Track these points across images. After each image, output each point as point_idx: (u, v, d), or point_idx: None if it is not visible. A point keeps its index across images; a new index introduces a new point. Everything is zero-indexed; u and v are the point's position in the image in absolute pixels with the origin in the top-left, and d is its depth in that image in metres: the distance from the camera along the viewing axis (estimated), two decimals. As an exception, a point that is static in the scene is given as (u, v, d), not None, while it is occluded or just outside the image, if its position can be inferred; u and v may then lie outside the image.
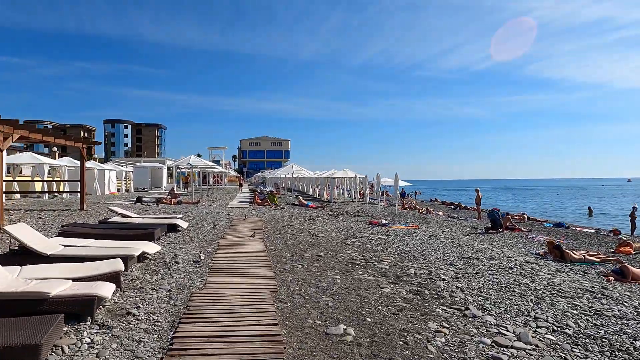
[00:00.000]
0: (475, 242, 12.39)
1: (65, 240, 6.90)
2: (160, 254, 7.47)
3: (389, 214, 20.42)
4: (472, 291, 6.23)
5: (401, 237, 11.91)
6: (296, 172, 21.48)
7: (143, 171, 36.99)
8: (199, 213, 15.19)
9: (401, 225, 15.40)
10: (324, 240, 10.51)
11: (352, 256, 8.61)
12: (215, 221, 13.05)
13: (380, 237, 11.82)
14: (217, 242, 9.21)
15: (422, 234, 13.20)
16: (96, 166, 27.49)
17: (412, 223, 16.60)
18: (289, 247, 9.20)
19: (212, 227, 11.74)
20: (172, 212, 14.95)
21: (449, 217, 22.05)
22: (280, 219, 14.82)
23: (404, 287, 6.29)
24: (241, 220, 13.77)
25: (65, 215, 13.19)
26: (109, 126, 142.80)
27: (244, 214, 15.70)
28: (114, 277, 5.00)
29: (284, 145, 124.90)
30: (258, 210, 17.94)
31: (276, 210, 18.21)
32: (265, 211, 17.46)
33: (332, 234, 12.00)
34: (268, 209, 18.84)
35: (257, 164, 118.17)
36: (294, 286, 5.89)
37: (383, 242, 10.90)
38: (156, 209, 16.35)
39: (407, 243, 10.87)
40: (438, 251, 9.82)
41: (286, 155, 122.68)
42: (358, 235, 12.00)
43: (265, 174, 54.06)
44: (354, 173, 28.70)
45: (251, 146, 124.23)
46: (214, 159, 62.59)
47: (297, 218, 15.71)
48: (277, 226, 12.86)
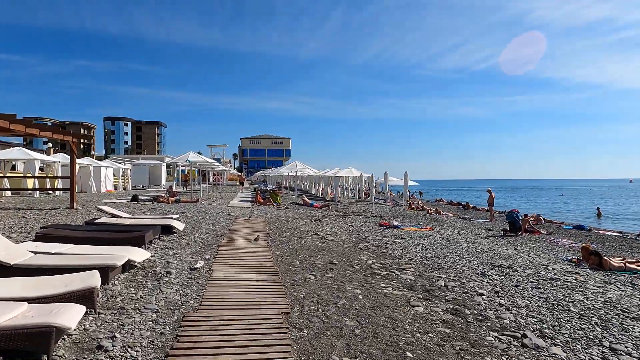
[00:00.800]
0: (498, 246, 11.37)
1: (39, 246, 5.89)
2: (150, 262, 6.45)
3: (397, 215, 19.40)
4: (519, 310, 5.22)
5: (417, 241, 10.90)
6: (300, 170, 20.48)
7: (141, 169, 35.98)
8: (197, 213, 14.17)
9: (414, 227, 14.38)
10: (334, 245, 9.49)
11: (369, 263, 7.59)
12: (214, 222, 12.03)
13: (394, 240, 10.80)
14: (216, 246, 8.20)
15: (439, 237, 12.19)
16: (92, 163, 26.47)
17: (424, 225, 15.58)
18: (297, 252, 8.19)
19: (211, 228, 10.72)
20: (169, 212, 13.93)
21: (460, 219, 21.02)
22: (284, 220, 13.81)
23: (439, 304, 5.28)
24: (243, 220, 12.76)
25: (52, 215, 12.18)
26: (109, 124, 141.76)
27: (247, 214, 14.68)
28: (86, 296, 3.98)
29: (285, 143, 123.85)
30: (260, 210, 16.92)
31: (280, 210, 17.20)
32: (268, 211, 16.44)
33: (342, 236, 10.98)
34: (271, 208, 17.82)
35: (258, 162, 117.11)
36: (308, 304, 4.87)
37: (399, 246, 9.88)
38: (152, 208, 15.34)
39: (426, 248, 9.86)
40: (463, 258, 8.80)
41: (287, 153, 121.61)
42: (370, 238, 10.99)
43: (266, 172, 53.02)
44: (359, 171, 27.66)
45: (252, 144, 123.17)
46: (214, 156, 61.53)
47: (303, 219, 14.70)
48: (282, 228, 11.84)
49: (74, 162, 13.65)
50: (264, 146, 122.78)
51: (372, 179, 26.50)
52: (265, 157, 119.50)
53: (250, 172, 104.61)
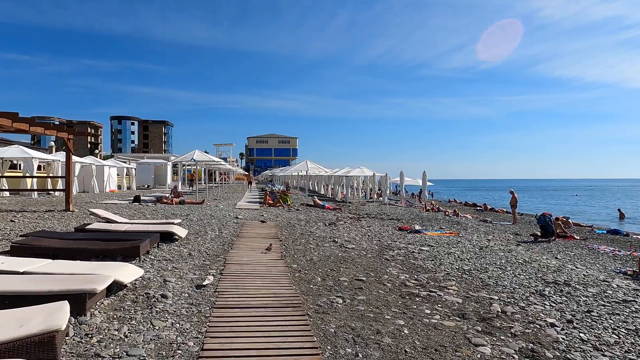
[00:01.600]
0: (536, 254, 10.17)
1: (7, 262, 4.82)
2: (143, 281, 5.36)
3: (414, 217, 18.22)
4: (612, 350, 4.05)
5: (447, 249, 9.74)
6: (311, 170, 19.38)
7: (146, 168, 35.06)
8: (202, 216, 13.11)
9: (437, 232, 13.21)
10: (356, 254, 8.37)
11: (402, 279, 6.46)
12: (221, 226, 10.94)
13: (421, 248, 9.64)
14: (223, 258, 7.10)
15: (468, 243, 11.01)
16: (95, 162, 25.56)
17: (447, 229, 14.39)
18: (317, 265, 7.07)
19: (218, 234, 9.63)
20: (171, 215, 12.88)
21: (480, 221, 19.79)
22: (296, 224, 12.70)
23: (507, 341, 4.12)
24: (252, 225, 11.66)
25: (45, 218, 11.16)
26: (115, 123, 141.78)
27: (257, 217, 13.59)
28: (45, 344, 2.88)
29: (292, 143, 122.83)
30: (270, 212, 15.82)
31: (290, 213, 16.09)
32: (278, 213, 15.33)
33: (362, 243, 9.85)
34: (281, 210, 16.72)
35: (265, 161, 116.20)
36: (343, 344, 3.75)
37: (429, 256, 8.73)
38: (154, 210, 14.29)
39: (460, 258, 8.70)
40: (506, 271, 7.64)
41: (294, 153, 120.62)
42: (394, 246, 9.84)
43: (273, 171, 51.95)
44: (371, 171, 26.48)
45: (258, 144, 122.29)
46: (220, 155, 60.56)
47: (316, 222, 13.59)
48: (295, 233, 10.73)
49: (70, 161, 12.63)
50: (270, 145, 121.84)
51: (386, 179, 25.33)
52: (272, 157, 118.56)
53: (257, 172, 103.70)
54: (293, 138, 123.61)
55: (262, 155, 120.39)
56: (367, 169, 26.97)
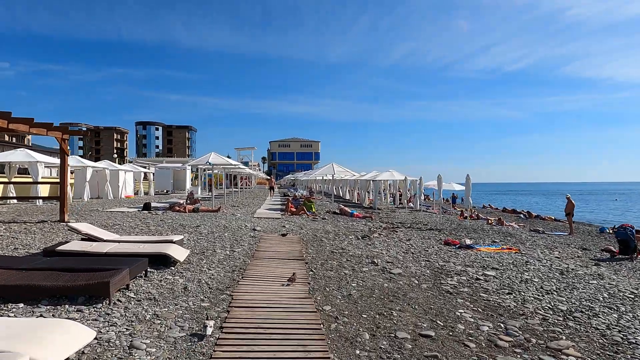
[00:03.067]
0: (635, 280, 7.89)
1: None
2: (93, 350, 3.48)
3: (456, 227, 15.99)
4: None
5: (518, 273, 7.61)
6: (338, 173, 17.42)
7: (165, 172, 33.84)
8: (215, 227, 11.31)
9: (493, 248, 11.01)
10: (406, 284, 6.34)
11: (485, 332, 4.41)
12: (234, 242, 9.09)
13: (485, 273, 7.53)
14: (229, 293, 5.19)
15: (539, 264, 8.81)
16: (109, 166, 24.30)
17: (502, 243, 12.16)
18: (358, 305, 5.08)
19: (229, 254, 7.75)
20: (179, 226, 11.12)
21: (531, 231, 17.36)
22: (324, 237, 10.74)
23: None
24: (272, 239, 9.75)
25: (31, 232, 9.56)
26: (140, 128, 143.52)
27: (277, 228, 11.69)
28: None
29: (314, 147, 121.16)
30: (292, 221, 13.91)
31: (315, 222, 14.13)
32: (302, 224, 13.40)
33: (408, 265, 7.80)
34: (305, 219, 14.79)
35: (287, 165, 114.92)
36: None
37: (500, 285, 6.63)
38: (161, 220, 12.59)
39: (543, 288, 6.56)
40: (622, 312, 5.47)
41: (316, 157, 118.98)
42: (449, 269, 7.77)
43: (296, 175, 50.18)
44: (402, 174, 24.30)
45: (280, 148, 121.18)
46: (242, 160, 59.26)
47: (346, 234, 11.60)
48: (324, 251, 8.76)
49: (64, 165, 11.04)
50: (292, 149, 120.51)
51: (420, 183, 23.10)
52: (294, 161, 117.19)
53: (279, 176, 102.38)
54: (315, 142, 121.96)
55: (284, 159, 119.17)
56: (397, 173, 24.82)
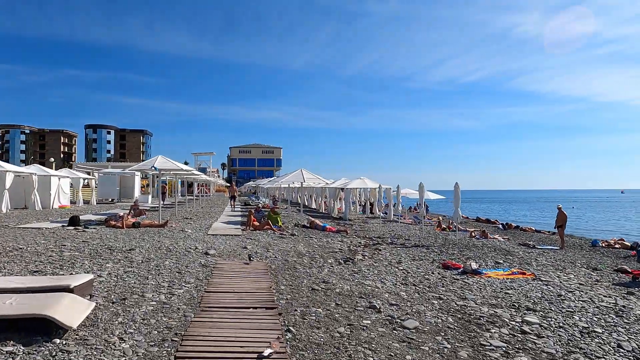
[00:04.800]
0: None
1: None
2: None
3: (441, 242, 14.10)
4: None
5: (562, 315, 5.63)
6: (308, 180, 15.17)
7: (110, 179, 30.22)
8: (154, 251, 8.69)
9: (502, 272, 9.08)
10: (435, 351, 4.14)
11: None
12: (175, 277, 6.57)
13: (526, 319, 5.48)
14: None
15: (574, 297, 6.90)
16: (38, 171, 20.79)
17: (507, 264, 10.30)
18: None
19: (162, 303, 5.24)
20: (106, 250, 8.41)
21: (520, 245, 15.78)
22: (298, 262, 8.40)
23: None
24: (230, 269, 7.29)
25: None
26: (90, 131, 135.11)
27: (237, 249, 9.20)
28: None
29: (276, 153, 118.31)
30: (256, 239, 11.45)
31: (284, 240, 11.74)
32: (268, 242, 10.97)
33: (422, 310, 5.63)
34: (271, 236, 12.36)
35: (248, 172, 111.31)
36: None
37: (563, 342, 4.59)
38: (83, 241, 9.78)
39: (615, 342, 4.56)
40: None
41: (278, 163, 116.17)
42: (472, 311, 5.66)
43: (258, 182, 47.32)
44: (375, 182, 22.37)
45: (241, 154, 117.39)
46: (200, 165, 55.70)
47: (324, 257, 9.32)
48: (301, 286, 6.44)
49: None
50: (254, 156, 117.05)
51: (398, 192, 21.21)
52: (255, 167, 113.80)
53: (240, 183, 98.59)
54: (277, 148, 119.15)
55: (245, 165, 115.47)
56: (369, 180, 22.88)
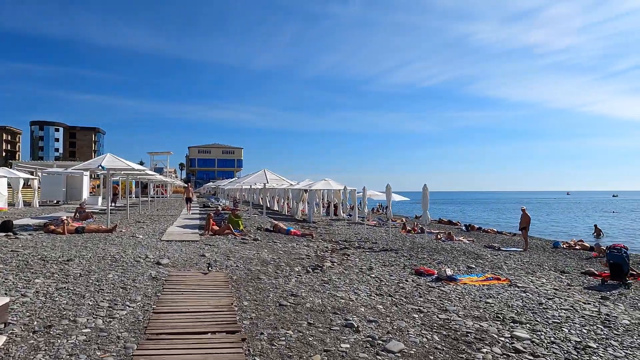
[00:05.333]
0: None
1: None
2: None
3: (409, 245, 13.74)
4: None
5: (550, 327, 5.23)
6: (272, 182, 14.25)
7: (55, 179, 27.98)
8: (97, 261, 7.64)
9: (476, 278, 8.71)
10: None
11: None
12: (119, 294, 5.63)
13: (515, 333, 5.02)
14: None
15: (554, 304, 6.58)
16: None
17: (479, 269, 9.99)
18: None
19: (99, 330, 4.33)
20: (39, 261, 7.28)
21: (486, 247, 15.72)
22: (262, 272, 7.62)
23: None
24: (185, 280, 6.41)
25: None
26: (36, 128, 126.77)
27: (199, 260, 8.28)
28: None
29: (237, 153, 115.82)
30: (215, 245, 10.54)
31: (246, 246, 10.89)
32: (229, 249, 10.08)
33: (403, 328, 5.05)
34: (232, 241, 11.47)
35: (207, 173, 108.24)
36: None
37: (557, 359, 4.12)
38: (13, 250, 8.53)
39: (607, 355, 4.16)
40: None
41: (239, 164, 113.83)
42: (457, 326, 5.14)
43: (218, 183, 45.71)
44: (340, 184, 21.86)
45: (200, 154, 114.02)
46: (156, 166, 53.16)
47: (290, 265, 8.59)
48: (267, 301, 5.68)
49: None
50: (213, 156, 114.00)
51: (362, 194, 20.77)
52: (215, 168, 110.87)
53: (199, 184, 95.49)
54: (238, 148, 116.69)
55: (204, 166, 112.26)
56: (333, 182, 22.34)
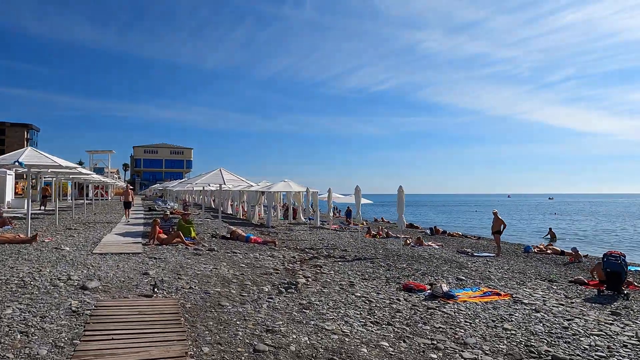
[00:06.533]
0: None
1: None
2: None
3: (387, 253, 12.58)
4: None
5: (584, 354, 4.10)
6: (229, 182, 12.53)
7: (-29, 179, 24.35)
8: (4, 287, 5.69)
9: (474, 294, 7.59)
10: None
11: None
12: (11, 348, 3.84)
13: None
14: None
15: (579, 329, 5.54)
16: None
17: (483, 285, 8.91)
18: None
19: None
20: None
21: (459, 253, 14.88)
22: (224, 296, 6.01)
23: None
24: (118, 314, 4.69)
25: None
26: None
27: (141, 281, 6.50)
28: None
29: (186, 154, 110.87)
30: (162, 258, 8.71)
31: (201, 258, 9.13)
32: (179, 263, 8.30)
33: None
34: (182, 252, 9.67)
35: (154, 174, 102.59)
36: None
37: None
38: None
39: None
40: None
41: (188, 165, 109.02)
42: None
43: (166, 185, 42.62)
44: (302, 186, 20.41)
45: (147, 154, 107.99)
46: (96, 165, 48.94)
47: (257, 282, 7.02)
48: (234, 342, 4.12)
49: None
50: (161, 156, 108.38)
51: (327, 196, 19.47)
52: (162, 169, 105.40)
53: (145, 185, 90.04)
54: (187, 149, 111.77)
55: (151, 166, 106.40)
56: (294, 183, 20.87)
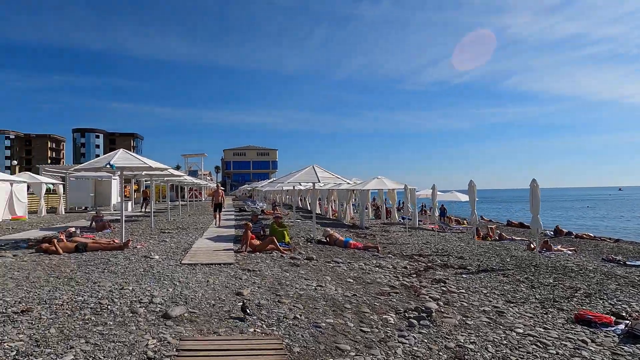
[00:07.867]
0: None
1: None
2: None
3: (506, 260, 10.21)
4: None
5: None
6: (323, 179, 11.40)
7: (82, 184, 26.04)
8: (62, 316, 4.71)
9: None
10: None
11: None
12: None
13: None
14: None
15: None
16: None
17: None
18: None
19: None
20: None
21: (603, 260, 11.93)
22: (337, 327, 4.43)
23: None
24: None
25: None
26: (78, 135, 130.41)
27: (232, 303, 5.25)
28: None
29: (272, 155, 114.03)
30: (256, 270, 7.46)
31: (299, 268, 7.74)
32: (275, 277, 6.97)
33: None
34: (278, 262, 8.38)
35: (243, 175, 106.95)
36: None
37: None
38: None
39: None
40: None
41: (274, 165, 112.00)
42: None
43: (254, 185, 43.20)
44: (398, 183, 18.47)
45: (235, 156, 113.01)
46: (190, 168, 51.55)
47: (375, 308, 5.37)
48: None
49: None
50: (248, 158, 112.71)
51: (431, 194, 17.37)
52: (250, 170, 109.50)
53: (234, 187, 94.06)
54: (272, 150, 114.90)
55: (239, 168, 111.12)
56: (388, 180, 18.99)
